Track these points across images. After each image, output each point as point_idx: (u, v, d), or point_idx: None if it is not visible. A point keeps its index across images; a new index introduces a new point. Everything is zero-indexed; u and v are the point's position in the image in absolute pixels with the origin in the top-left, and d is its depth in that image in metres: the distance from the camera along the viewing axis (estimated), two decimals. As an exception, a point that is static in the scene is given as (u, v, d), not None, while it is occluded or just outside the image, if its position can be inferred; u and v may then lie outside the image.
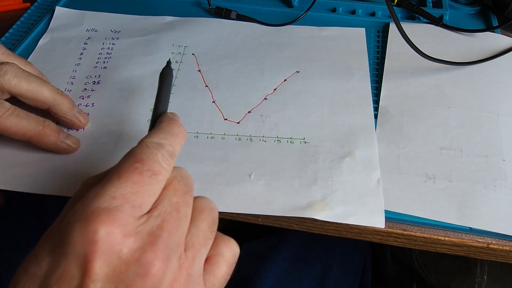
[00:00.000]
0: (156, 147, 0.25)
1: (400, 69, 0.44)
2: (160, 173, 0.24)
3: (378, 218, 0.33)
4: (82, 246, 0.21)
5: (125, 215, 0.22)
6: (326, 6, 0.52)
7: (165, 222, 0.23)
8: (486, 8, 0.52)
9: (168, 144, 0.26)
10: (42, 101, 0.36)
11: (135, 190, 0.23)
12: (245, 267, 0.47)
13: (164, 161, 0.25)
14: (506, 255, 0.34)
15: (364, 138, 0.38)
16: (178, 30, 0.49)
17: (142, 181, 0.24)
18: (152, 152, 0.25)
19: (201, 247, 0.25)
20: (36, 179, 0.35)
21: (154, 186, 0.24)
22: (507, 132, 0.39)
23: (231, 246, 0.27)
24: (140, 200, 0.23)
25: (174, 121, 0.29)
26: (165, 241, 0.23)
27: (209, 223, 0.26)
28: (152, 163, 0.24)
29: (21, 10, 0.53)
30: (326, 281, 0.49)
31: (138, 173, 0.24)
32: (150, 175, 0.24)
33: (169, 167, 0.25)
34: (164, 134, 0.27)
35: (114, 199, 0.22)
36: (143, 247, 0.22)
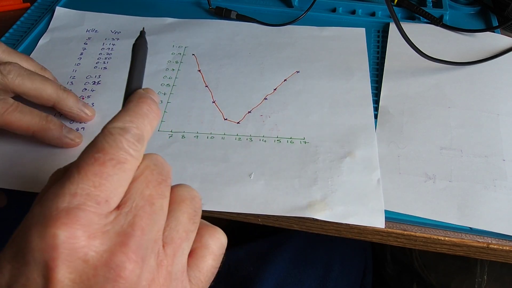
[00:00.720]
0: (120, 133, 0.22)
1: (400, 69, 0.44)
2: (126, 161, 0.22)
3: (378, 218, 0.33)
4: (42, 253, 0.19)
5: (88, 214, 0.20)
6: (326, 6, 0.52)
7: (137, 218, 0.21)
8: (486, 8, 0.52)
9: (135, 127, 0.23)
10: (46, 99, 0.37)
11: (98, 183, 0.21)
12: (245, 268, 0.47)
13: (130, 147, 0.22)
14: (506, 255, 0.34)
15: (364, 138, 0.38)
16: (178, 31, 0.49)
17: (105, 172, 0.21)
18: (115, 139, 0.22)
19: (182, 242, 0.23)
20: (37, 178, 0.35)
21: (120, 176, 0.21)
22: (507, 132, 0.39)
23: (217, 236, 0.25)
24: (104, 195, 0.21)
25: (143, 100, 0.25)
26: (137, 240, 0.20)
27: (190, 214, 0.24)
28: (116, 151, 0.21)
29: (21, 10, 0.53)
30: (327, 282, 0.49)
31: (100, 164, 0.21)
32: (114, 164, 0.21)
33: (138, 153, 0.22)
34: (129, 116, 0.23)
35: (75, 197, 0.20)
36: (112, 248, 0.20)
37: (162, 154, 0.36)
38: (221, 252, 0.25)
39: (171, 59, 0.46)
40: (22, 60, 0.38)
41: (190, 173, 0.36)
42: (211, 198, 0.34)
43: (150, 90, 0.27)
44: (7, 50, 0.38)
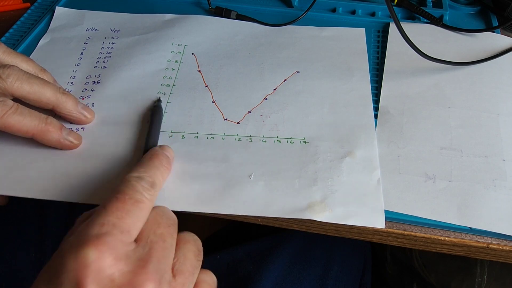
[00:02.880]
0: (136, 180, 0.28)
1: (400, 69, 0.44)
2: (142, 201, 0.27)
3: (378, 218, 0.33)
4: (74, 272, 0.22)
5: (114, 240, 0.23)
6: (326, 6, 0.52)
7: (153, 250, 0.25)
8: (486, 8, 0.52)
9: (148, 176, 0.29)
10: (46, 102, 0.37)
11: (121, 216, 0.25)
12: (245, 267, 0.47)
13: (145, 190, 0.27)
14: (506, 255, 0.34)
15: (364, 138, 0.38)
16: (178, 28, 0.49)
17: (126, 208, 0.25)
18: (132, 184, 0.27)
19: (190, 275, 0.26)
20: (37, 183, 0.35)
21: (138, 213, 0.26)
22: (507, 132, 0.39)
23: (209, 274, 0.29)
24: (127, 226, 0.25)
25: (156, 155, 0.31)
26: (154, 265, 0.24)
27: (195, 253, 0.28)
28: (133, 193, 0.27)
29: (21, 10, 0.53)
30: (326, 282, 0.49)
31: (121, 201, 0.26)
32: (132, 202, 0.26)
33: (151, 197, 0.27)
34: (143, 168, 0.30)
35: (103, 226, 0.24)
36: (134, 270, 0.23)
37: (162, 154, 0.37)
38: (215, 286, 0.29)
39: (170, 58, 0.46)
40: (22, 62, 0.38)
41: (190, 174, 0.36)
42: (211, 199, 0.34)
43: (166, 147, 0.34)
44: (7, 51, 0.38)
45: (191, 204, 0.34)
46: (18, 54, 0.39)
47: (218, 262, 0.48)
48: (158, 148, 0.33)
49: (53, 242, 0.49)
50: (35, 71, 0.39)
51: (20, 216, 0.50)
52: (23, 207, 0.51)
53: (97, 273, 0.22)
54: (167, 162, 0.32)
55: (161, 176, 0.30)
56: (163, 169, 0.31)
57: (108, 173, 0.35)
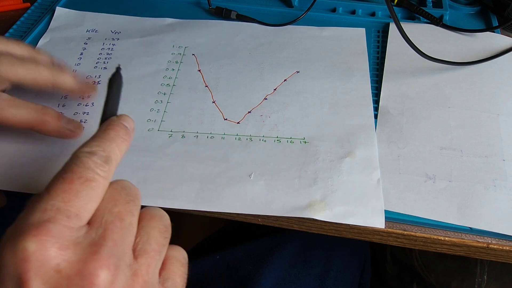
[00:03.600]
0: (87, 155, 0.24)
1: (400, 69, 0.44)
2: (94, 179, 0.23)
3: (378, 218, 0.33)
4: (15, 267, 0.20)
5: (59, 227, 0.21)
6: (326, 6, 0.52)
7: (108, 232, 0.22)
8: (486, 8, 0.52)
9: (101, 150, 0.25)
10: (43, 81, 0.36)
11: (67, 199, 0.22)
12: (244, 267, 0.47)
13: (98, 167, 0.24)
14: (506, 255, 0.34)
15: (364, 138, 0.38)
16: (179, 32, 0.49)
17: (74, 189, 0.22)
18: (82, 160, 0.24)
19: (156, 254, 0.24)
20: (37, 180, 0.35)
21: (89, 192, 0.23)
22: (507, 132, 0.39)
23: (179, 249, 0.27)
24: (74, 209, 0.22)
25: (111, 126, 0.27)
26: (109, 249, 0.21)
27: (161, 230, 0.25)
28: (83, 170, 0.23)
29: (21, 10, 0.53)
30: (326, 281, 0.49)
31: (68, 182, 0.22)
32: (82, 182, 0.23)
33: (105, 173, 0.24)
34: (97, 141, 0.26)
35: (45, 212, 0.21)
36: (84, 257, 0.21)
37: (162, 154, 0.37)
38: (186, 262, 0.27)
39: (171, 59, 0.46)
40: (14, 46, 0.37)
41: (190, 173, 0.36)
42: (211, 198, 0.34)
43: (124, 117, 0.29)
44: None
45: (191, 203, 0.34)
46: (9, 39, 0.38)
47: (218, 262, 0.48)
48: (115, 117, 0.29)
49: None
50: (30, 53, 0.38)
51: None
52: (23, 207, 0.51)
53: (40, 266, 0.20)
54: (125, 133, 0.28)
55: (118, 149, 0.26)
56: (120, 141, 0.27)
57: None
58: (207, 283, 0.47)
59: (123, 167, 0.36)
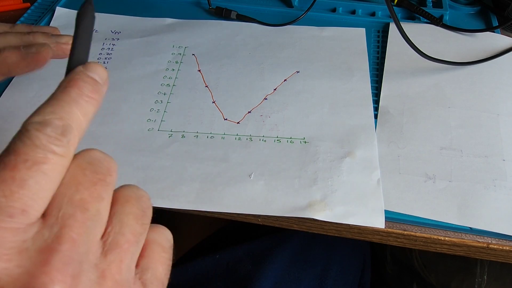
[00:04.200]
0: (37, 128, 0.18)
1: (400, 69, 0.44)
2: (47, 160, 0.17)
3: (378, 218, 0.33)
4: None
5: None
6: (326, 6, 0.52)
7: (66, 229, 0.17)
8: (486, 8, 0.52)
9: (58, 118, 0.19)
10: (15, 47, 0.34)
11: (9, 192, 0.16)
12: (244, 266, 0.47)
13: (52, 142, 0.18)
14: (506, 255, 0.34)
15: (364, 138, 0.38)
16: (179, 32, 0.49)
17: (18, 178, 0.17)
18: (30, 136, 0.18)
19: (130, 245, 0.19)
20: None
21: (39, 180, 0.17)
22: (507, 132, 0.39)
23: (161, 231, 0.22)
24: (19, 204, 0.17)
25: (73, 82, 0.20)
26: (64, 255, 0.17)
27: (137, 215, 0.20)
28: (31, 150, 0.17)
29: (21, 10, 0.53)
30: (326, 281, 0.49)
31: (10, 168, 0.17)
32: (29, 166, 0.17)
33: (63, 149, 0.18)
34: (52, 106, 0.19)
35: None
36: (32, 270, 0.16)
37: (162, 154, 0.37)
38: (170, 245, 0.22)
39: (171, 59, 0.46)
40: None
41: (190, 173, 0.36)
42: (211, 198, 0.34)
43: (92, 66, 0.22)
44: None
45: (191, 203, 0.34)
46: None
47: (218, 262, 0.48)
48: (80, 68, 0.21)
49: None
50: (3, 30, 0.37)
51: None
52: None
53: None
54: (93, 90, 0.21)
55: (81, 113, 0.20)
56: (85, 102, 0.20)
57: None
58: (207, 283, 0.47)
59: (123, 167, 0.36)
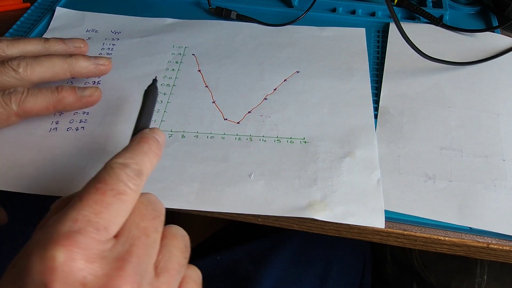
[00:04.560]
0: (120, 167, 0.24)
1: (400, 69, 0.44)
2: (126, 192, 0.23)
3: (378, 218, 0.33)
4: (41, 275, 0.20)
5: (87, 239, 0.21)
6: (326, 6, 0.52)
7: (134, 247, 0.22)
8: (486, 8, 0.52)
9: (135, 163, 0.25)
10: (62, 72, 0.38)
11: (98, 211, 0.22)
12: (244, 267, 0.47)
13: (130, 180, 0.24)
14: (506, 255, 0.34)
15: (364, 138, 0.38)
16: (179, 32, 0.49)
17: (105, 201, 0.22)
18: (115, 172, 0.24)
19: (176, 273, 0.24)
20: (37, 180, 0.35)
21: (119, 206, 0.23)
22: (507, 132, 0.39)
23: (195, 269, 0.27)
24: (104, 222, 0.22)
25: (145, 139, 0.28)
26: (134, 266, 0.21)
27: (182, 249, 0.26)
28: (116, 183, 0.23)
29: (21, 10, 0.53)
30: (326, 282, 0.49)
31: (101, 193, 0.23)
32: (114, 194, 0.23)
33: (136, 187, 0.24)
34: (130, 153, 0.26)
35: (76, 222, 0.21)
36: (110, 272, 0.21)
37: (162, 154, 0.37)
38: (201, 282, 0.27)
39: (171, 59, 0.46)
40: (26, 46, 0.39)
41: (190, 173, 0.36)
42: (211, 198, 0.34)
43: (156, 130, 0.29)
44: (10, 43, 0.39)
45: (191, 203, 0.34)
46: (19, 40, 0.40)
47: (218, 262, 0.48)
48: (148, 130, 0.29)
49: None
50: (42, 47, 0.40)
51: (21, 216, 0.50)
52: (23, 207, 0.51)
53: (66, 277, 0.20)
54: (157, 148, 0.28)
55: (150, 163, 0.27)
56: (152, 155, 0.27)
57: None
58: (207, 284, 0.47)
59: (123, 167, 0.36)
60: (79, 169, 0.36)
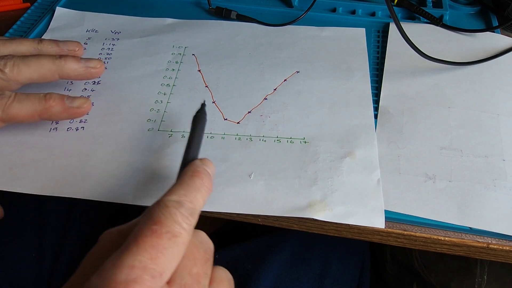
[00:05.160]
0: (175, 206, 0.24)
1: (400, 69, 0.44)
2: (180, 235, 0.23)
3: (378, 218, 0.33)
4: None
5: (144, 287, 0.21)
6: (326, 6, 0.52)
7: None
8: (486, 8, 0.52)
9: (189, 201, 0.25)
10: (49, 74, 0.37)
11: (154, 256, 0.21)
12: (243, 266, 0.47)
13: (184, 220, 0.23)
14: (506, 255, 0.34)
15: (364, 138, 0.38)
16: (179, 32, 0.49)
17: (161, 245, 0.22)
18: (170, 212, 0.23)
19: None
20: (36, 180, 0.35)
21: (174, 250, 0.22)
22: (507, 132, 0.39)
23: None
24: (160, 268, 0.21)
25: (197, 174, 0.27)
26: None
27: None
28: (171, 224, 0.23)
29: (21, 10, 0.53)
30: (325, 280, 0.49)
31: (157, 236, 0.22)
32: (169, 237, 0.22)
33: (190, 227, 0.24)
34: (184, 190, 0.25)
35: (133, 269, 0.21)
36: None
37: (162, 154, 0.37)
38: None
39: (171, 59, 0.46)
40: (18, 46, 0.38)
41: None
42: (211, 198, 0.34)
43: (207, 162, 0.29)
44: (3, 43, 0.38)
45: (191, 204, 0.34)
46: (12, 40, 0.39)
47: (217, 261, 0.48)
48: (199, 162, 0.28)
49: (53, 242, 0.49)
50: (34, 48, 0.39)
51: (20, 216, 0.50)
52: (23, 207, 0.51)
53: None
54: (209, 182, 0.27)
55: (202, 200, 0.26)
56: (205, 191, 0.27)
57: (108, 171, 0.35)
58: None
59: (124, 168, 0.36)
60: (79, 169, 0.36)
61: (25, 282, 0.46)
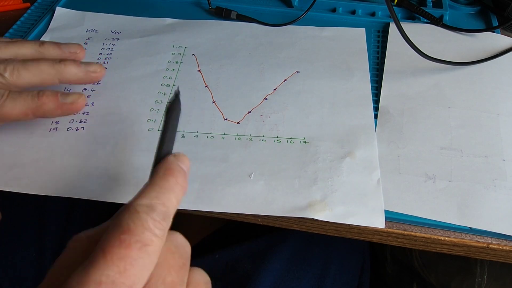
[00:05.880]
0: (146, 211, 0.21)
1: (400, 69, 0.44)
2: (152, 243, 0.21)
3: (378, 218, 0.33)
4: None
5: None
6: (326, 6, 0.52)
7: None
8: (486, 8, 0.52)
9: (161, 203, 0.22)
10: (49, 78, 0.36)
11: (123, 269, 0.20)
12: (243, 266, 0.47)
13: (156, 226, 0.21)
14: (506, 255, 0.34)
15: (364, 138, 0.38)
16: (179, 32, 0.49)
17: (131, 257, 0.20)
18: (141, 218, 0.21)
19: None
20: (36, 180, 0.35)
21: (145, 260, 0.21)
22: (507, 132, 0.39)
23: None
24: (129, 282, 0.20)
25: (170, 171, 0.24)
26: None
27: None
28: (142, 232, 0.21)
29: (21, 10, 0.53)
30: (325, 280, 0.49)
31: (125, 246, 0.20)
32: (139, 247, 0.20)
33: (163, 233, 0.22)
34: (156, 192, 0.23)
35: (100, 286, 0.19)
36: None
37: (162, 154, 0.37)
38: None
39: (171, 59, 0.46)
40: (19, 49, 0.38)
41: (190, 173, 0.35)
42: (211, 198, 0.34)
43: (181, 157, 0.26)
44: (5, 45, 0.38)
45: (191, 203, 0.34)
46: (14, 42, 0.38)
47: (217, 261, 0.49)
48: (173, 158, 0.25)
49: (53, 242, 0.49)
50: (35, 51, 0.38)
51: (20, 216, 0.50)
52: (23, 207, 0.51)
53: None
54: (184, 180, 0.25)
55: (176, 200, 0.24)
56: (179, 190, 0.24)
57: (107, 170, 0.35)
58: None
59: (123, 167, 0.36)
60: (79, 169, 0.36)
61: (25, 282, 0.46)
